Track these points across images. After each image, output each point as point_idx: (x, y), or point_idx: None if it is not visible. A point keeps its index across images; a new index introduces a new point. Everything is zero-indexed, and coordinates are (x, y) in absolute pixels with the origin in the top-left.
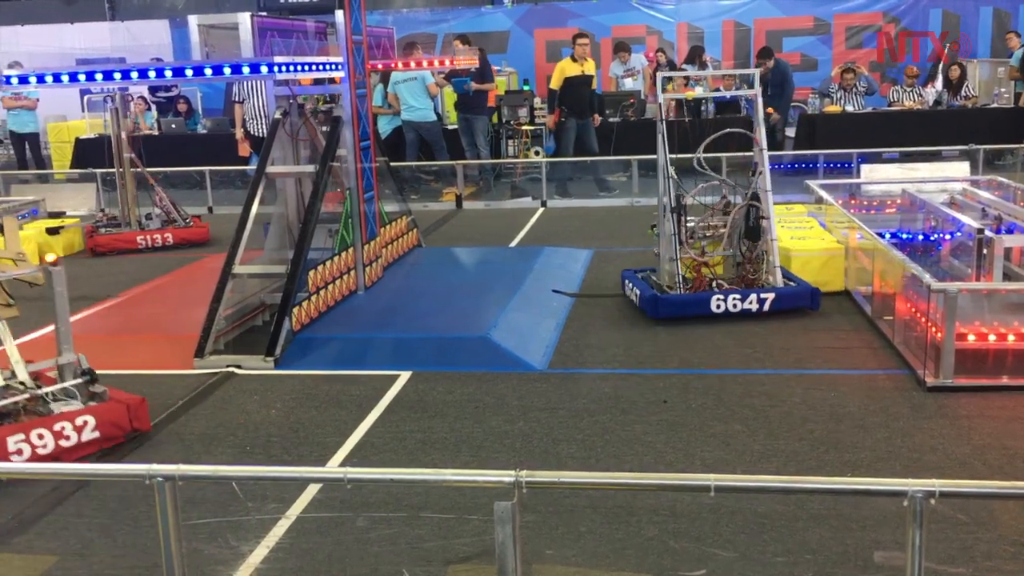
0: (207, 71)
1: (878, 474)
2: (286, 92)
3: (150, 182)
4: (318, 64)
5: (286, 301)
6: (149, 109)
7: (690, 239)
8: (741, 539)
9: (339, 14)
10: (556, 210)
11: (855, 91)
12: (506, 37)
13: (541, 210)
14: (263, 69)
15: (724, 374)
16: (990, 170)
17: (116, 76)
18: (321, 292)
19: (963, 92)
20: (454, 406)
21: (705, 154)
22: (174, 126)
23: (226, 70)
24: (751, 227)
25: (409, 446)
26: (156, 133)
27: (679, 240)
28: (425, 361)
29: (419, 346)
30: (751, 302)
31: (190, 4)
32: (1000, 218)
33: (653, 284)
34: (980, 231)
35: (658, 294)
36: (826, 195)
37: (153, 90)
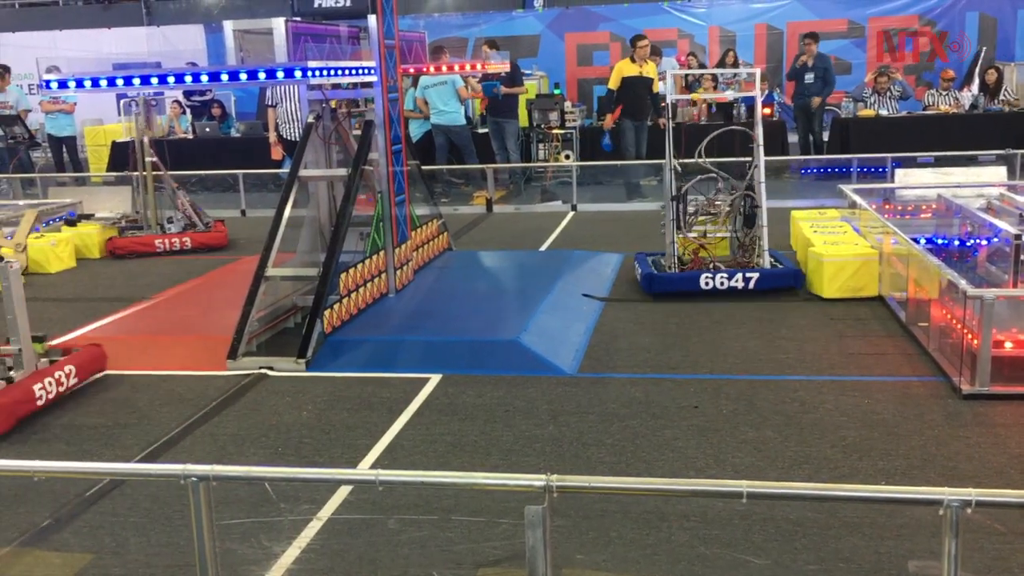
0: (242, 76)
1: (912, 482)
2: (319, 96)
3: (172, 186)
4: (351, 68)
5: (318, 303)
6: (184, 113)
7: (693, 225)
8: (773, 546)
9: (372, 19)
10: (586, 214)
11: (889, 95)
12: (537, 41)
13: (571, 214)
14: (297, 74)
15: (756, 380)
16: None
17: (153, 81)
18: (352, 295)
19: (1001, 96)
20: (484, 409)
21: (707, 156)
22: (208, 130)
23: (261, 75)
24: (747, 215)
25: (439, 449)
26: (191, 137)
27: (677, 225)
28: (455, 364)
29: (449, 349)
30: (737, 280)
31: (225, 9)
32: None
33: (659, 266)
34: (1018, 236)
35: (654, 272)
36: (860, 200)
37: (188, 94)
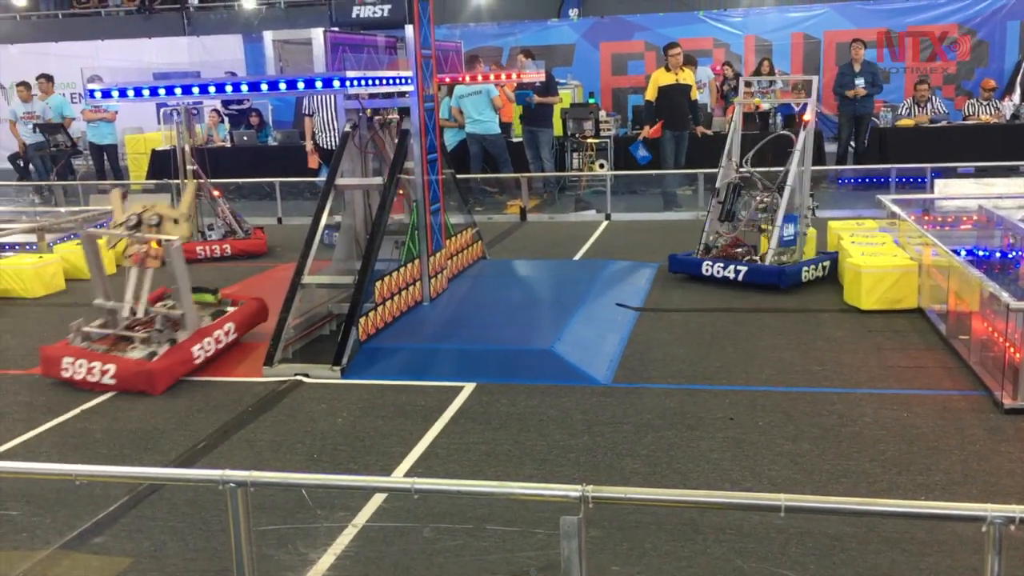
0: (281, 85)
1: (953, 498)
2: (356, 105)
3: (212, 194)
4: (388, 78)
5: (353, 311)
6: (222, 122)
7: (736, 220)
8: (811, 561)
9: (409, 29)
10: (620, 223)
11: (930, 106)
12: (572, 50)
13: (605, 223)
14: (335, 83)
15: (792, 392)
16: None
17: (194, 90)
18: (387, 303)
19: None
20: (518, 418)
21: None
22: (246, 138)
23: (300, 84)
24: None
25: (473, 458)
26: (228, 145)
27: (722, 218)
28: (489, 373)
29: (483, 358)
30: (729, 271)
31: (264, 20)
32: None
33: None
34: None
35: (676, 255)
36: (899, 210)
37: (226, 103)
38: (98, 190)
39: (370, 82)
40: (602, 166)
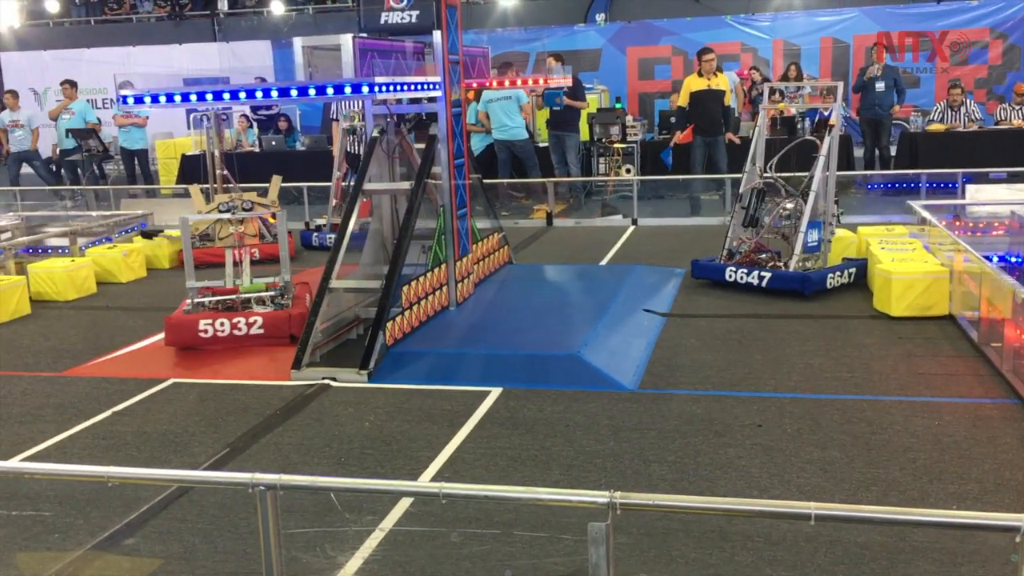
0: (311, 91)
1: (985, 507)
2: (383, 111)
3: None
4: (416, 84)
5: (380, 315)
6: (251, 127)
7: (760, 225)
8: (840, 570)
9: (436, 35)
10: (647, 228)
11: (964, 110)
12: (598, 55)
13: (632, 228)
14: (364, 89)
15: (821, 399)
16: None
17: (225, 96)
18: (414, 307)
19: None
20: (544, 424)
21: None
22: (274, 143)
23: (329, 90)
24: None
25: (500, 463)
26: (257, 150)
27: (747, 223)
28: (516, 378)
29: (510, 363)
30: (753, 277)
31: (293, 26)
32: None
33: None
34: None
35: (699, 260)
36: (929, 216)
37: (255, 108)
38: (129, 194)
39: (398, 88)
40: (628, 171)
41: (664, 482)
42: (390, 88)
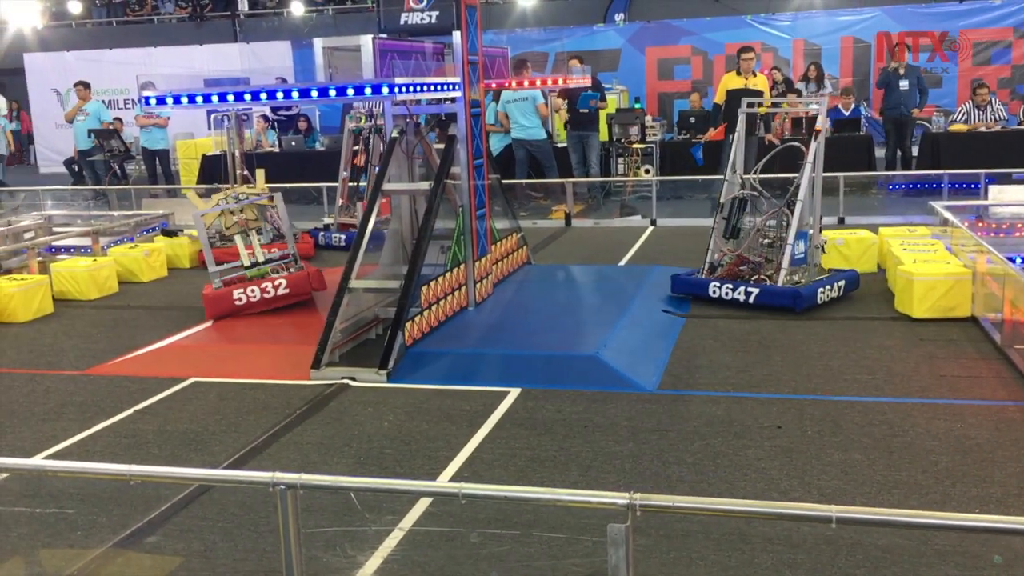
0: (331, 92)
1: (1009, 511)
2: (403, 111)
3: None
4: (436, 84)
5: (399, 316)
6: (271, 127)
7: (740, 236)
8: (861, 573)
9: (456, 35)
10: (666, 229)
11: (990, 109)
12: (618, 55)
13: (651, 229)
14: (384, 90)
15: (841, 400)
16: None
17: (246, 97)
18: (433, 307)
19: None
20: (563, 424)
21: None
22: (294, 143)
23: (349, 91)
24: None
25: (518, 463)
26: (277, 150)
27: (727, 235)
28: (534, 378)
29: (529, 363)
30: (740, 293)
31: (314, 27)
32: None
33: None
34: None
35: (679, 274)
36: (952, 217)
37: (275, 109)
38: (150, 194)
39: (418, 88)
40: (648, 171)
41: (683, 484)
42: (410, 89)
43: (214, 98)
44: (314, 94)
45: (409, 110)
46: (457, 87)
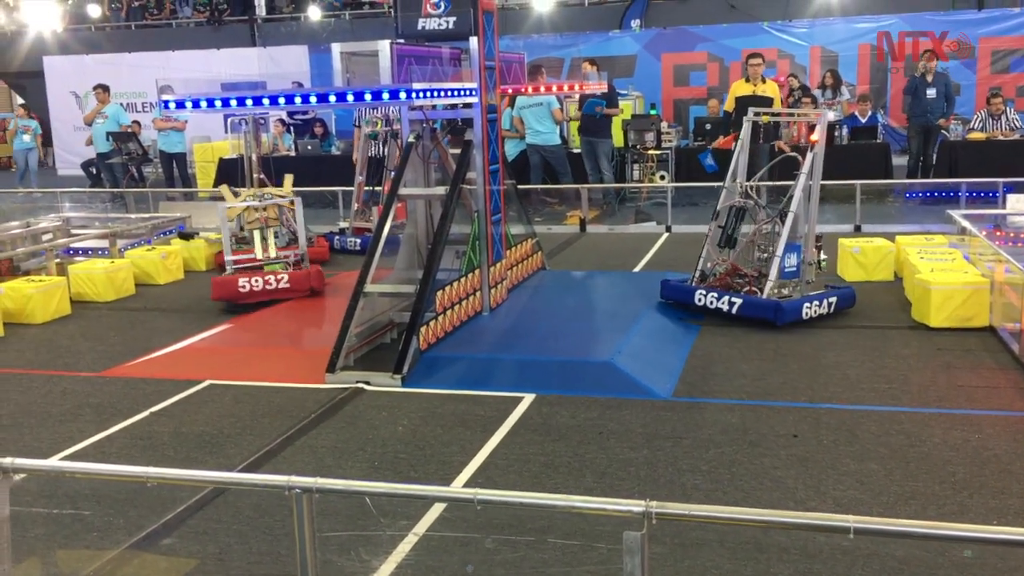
0: (349, 97)
1: None
2: (419, 116)
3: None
4: (452, 90)
5: (414, 320)
6: (287, 131)
7: (736, 245)
8: None
9: (473, 41)
10: (681, 235)
11: (1005, 119)
12: (633, 61)
13: (666, 235)
14: (401, 95)
15: (858, 410)
16: None
17: (264, 101)
18: (448, 312)
19: None
20: (577, 431)
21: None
22: (310, 147)
23: (367, 96)
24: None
25: (533, 469)
26: (293, 154)
27: (722, 244)
28: (549, 384)
29: (543, 369)
30: (723, 303)
31: (332, 32)
32: None
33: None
34: None
35: (668, 279)
36: (970, 226)
37: (291, 113)
38: (167, 197)
39: (435, 94)
40: (663, 177)
41: (698, 492)
42: (427, 94)
43: (233, 102)
44: (332, 99)
45: (426, 115)
46: (474, 92)
